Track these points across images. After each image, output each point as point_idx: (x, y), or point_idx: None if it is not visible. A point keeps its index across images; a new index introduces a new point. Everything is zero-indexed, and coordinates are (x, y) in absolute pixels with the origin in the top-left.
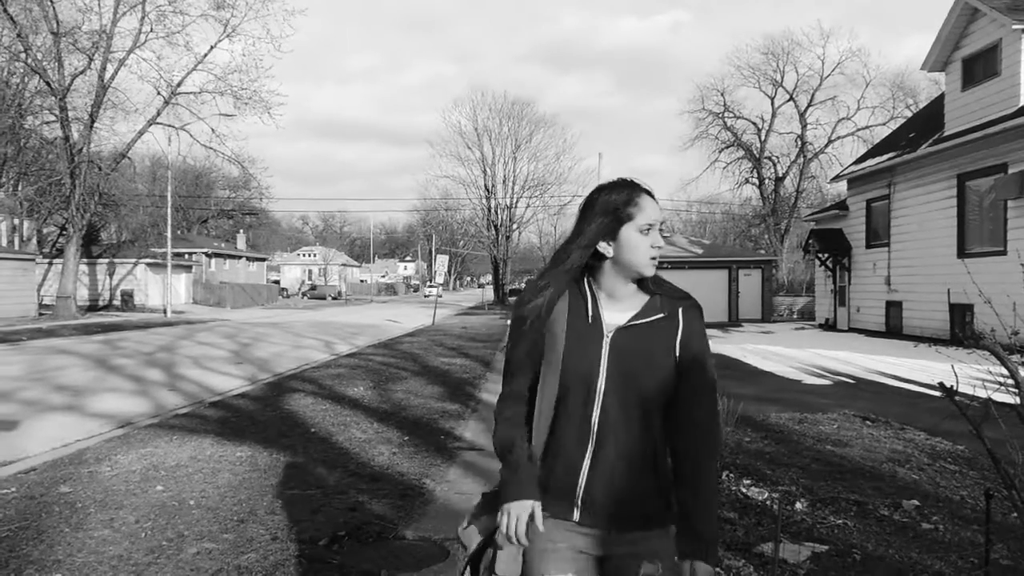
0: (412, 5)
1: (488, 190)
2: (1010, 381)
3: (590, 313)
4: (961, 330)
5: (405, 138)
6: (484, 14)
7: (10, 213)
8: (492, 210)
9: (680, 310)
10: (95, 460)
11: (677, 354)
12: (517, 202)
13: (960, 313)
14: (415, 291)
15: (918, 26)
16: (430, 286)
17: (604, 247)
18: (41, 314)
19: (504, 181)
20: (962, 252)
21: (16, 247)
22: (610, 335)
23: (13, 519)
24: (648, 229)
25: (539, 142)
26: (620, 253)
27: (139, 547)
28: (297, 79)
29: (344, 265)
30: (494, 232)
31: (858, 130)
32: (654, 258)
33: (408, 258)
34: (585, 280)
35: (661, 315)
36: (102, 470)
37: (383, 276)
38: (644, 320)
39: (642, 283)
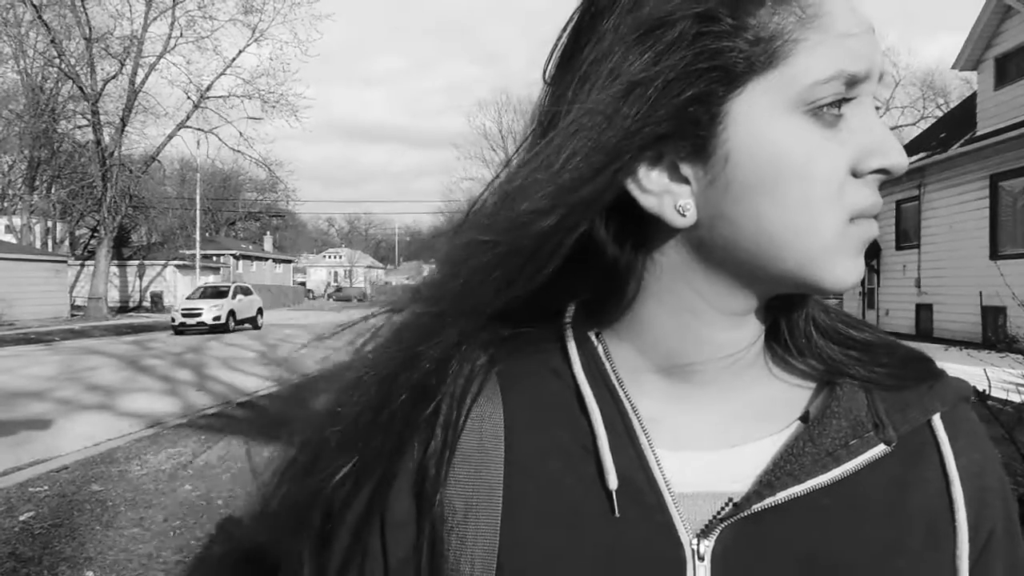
0: (435, 8)
1: None
2: None
3: (606, 462)
4: (993, 333)
5: (429, 140)
6: (508, 16)
7: (44, 215)
8: None
9: (940, 428)
10: (125, 459)
11: None
12: None
13: (992, 316)
14: None
15: (948, 25)
16: (189, 298)
17: (647, 196)
18: (73, 315)
19: None
20: (995, 254)
21: (49, 249)
22: (707, 548)
23: (46, 516)
24: (839, 101)
25: None
26: (750, 212)
27: (168, 546)
28: (322, 82)
29: (369, 267)
30: None
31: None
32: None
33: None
34: (568, 340)
35: (877, 449)
36: (132, 469)
37: (408, 278)
38: (817, 481)
39: (772, 331)
